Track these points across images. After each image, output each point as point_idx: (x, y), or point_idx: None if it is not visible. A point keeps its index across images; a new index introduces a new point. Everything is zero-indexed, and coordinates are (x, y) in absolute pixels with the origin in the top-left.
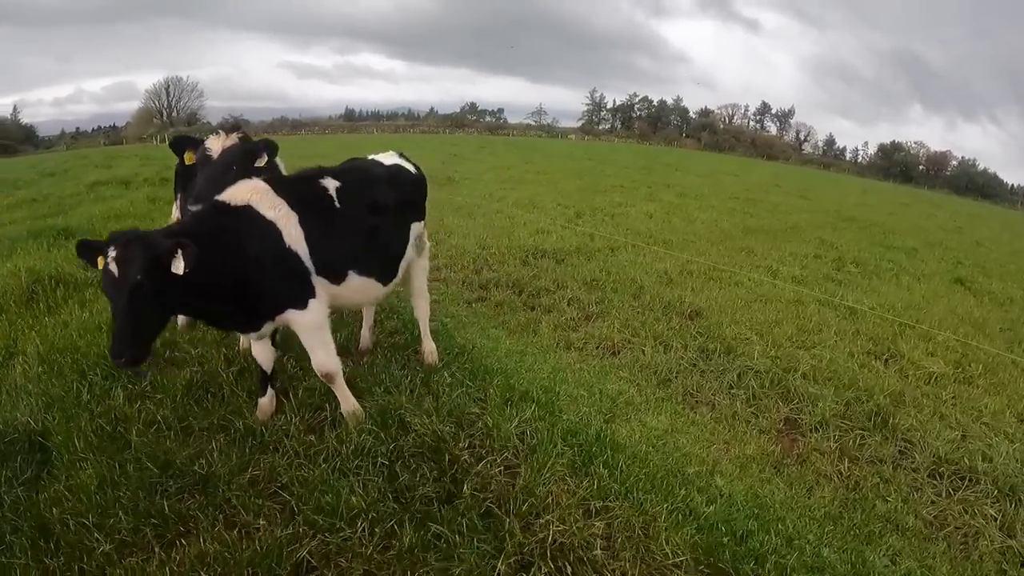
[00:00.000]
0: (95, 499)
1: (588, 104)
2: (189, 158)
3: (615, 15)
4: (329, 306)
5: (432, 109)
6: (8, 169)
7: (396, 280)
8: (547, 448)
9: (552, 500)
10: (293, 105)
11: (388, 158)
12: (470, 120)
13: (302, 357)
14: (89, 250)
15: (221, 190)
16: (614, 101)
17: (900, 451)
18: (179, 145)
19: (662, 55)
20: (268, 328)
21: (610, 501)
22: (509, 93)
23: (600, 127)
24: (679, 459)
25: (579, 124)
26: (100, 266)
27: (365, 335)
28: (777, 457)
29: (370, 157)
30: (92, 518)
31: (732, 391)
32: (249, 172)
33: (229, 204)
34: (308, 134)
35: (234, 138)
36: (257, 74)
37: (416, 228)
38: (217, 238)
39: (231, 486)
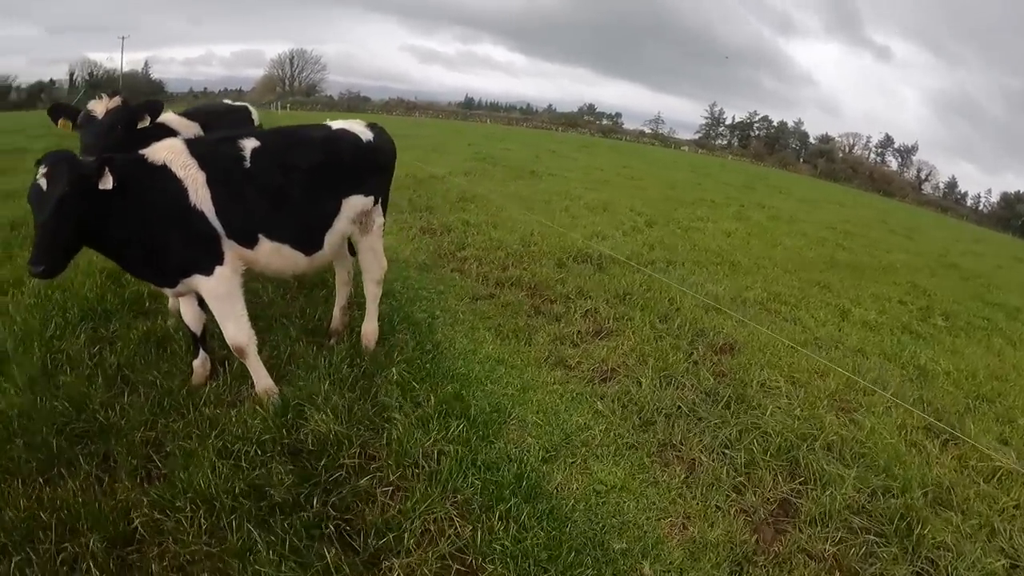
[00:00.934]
0: (14, 424)
1: (707, 118)
2: (64, 125)
3: (742, 29)
4: (251, 271)
5: (550, 106)
6: None
7: (324, 253)
8: (448, 479)
9: (415, 544)
10: (413, 87)
11: (344, 124)
12: (585, 121)
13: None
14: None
15: (107, 145)
16: (733, 117)
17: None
18: (55, 113)
19: (787, 75)
20: (182, 288)
21: (487, 562)
22: (628, 98)
23: (716, 142)
24: (610, 527)
25: (695, 137)
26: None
27: (336, 315)
28: (747, 550)
29: (330, 122)
30: (7, 441)
31: (725, 451)
32: (132, 132)
33: (146, 158)
34: (422, 116)
35: (117, 100)
36: (380, 54)
37: (356, 201)
38: (130, 186)
39: (121, 440)
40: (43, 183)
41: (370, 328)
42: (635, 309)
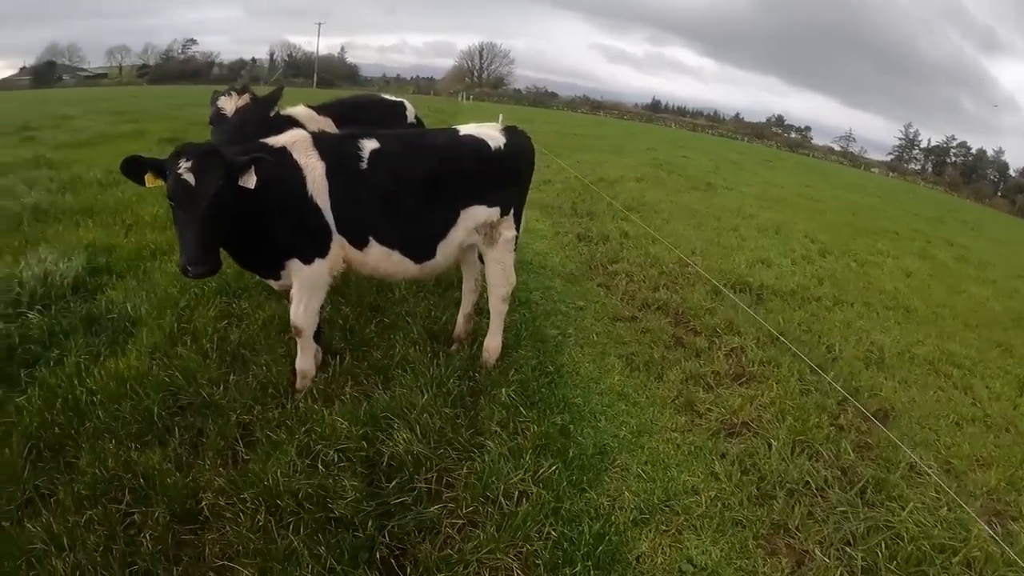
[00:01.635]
0: (127, 386)
1: (901, 139)
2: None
3: (942, 44)
4: (358, 272)
5: (737, 114)
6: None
7: (437, 262)
8: (521, 526)
9: None
10: (601, 86)
11: (475, 128)
12: (772, 132)
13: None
14: (134, 168)
15: (238, 142)
16: (928, 140)
17: None
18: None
19: (988, 97)
20: (284, 280)
21: None
22: (819, 111)
23: (909, 166)
24: None
25: (887, 159)
26: (149, 183)
27: (460, 322)
28: None
29: (465, 125)
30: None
31: (846, 548)
32: (263, 127)
33: (270, 145)
34: (607, 116)
35: (246, 98)
36: (569, 51)
37: (477, 212)
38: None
39: (217, 419)
40: (190, 178)
41: (493, 344)
42: (786, 354)
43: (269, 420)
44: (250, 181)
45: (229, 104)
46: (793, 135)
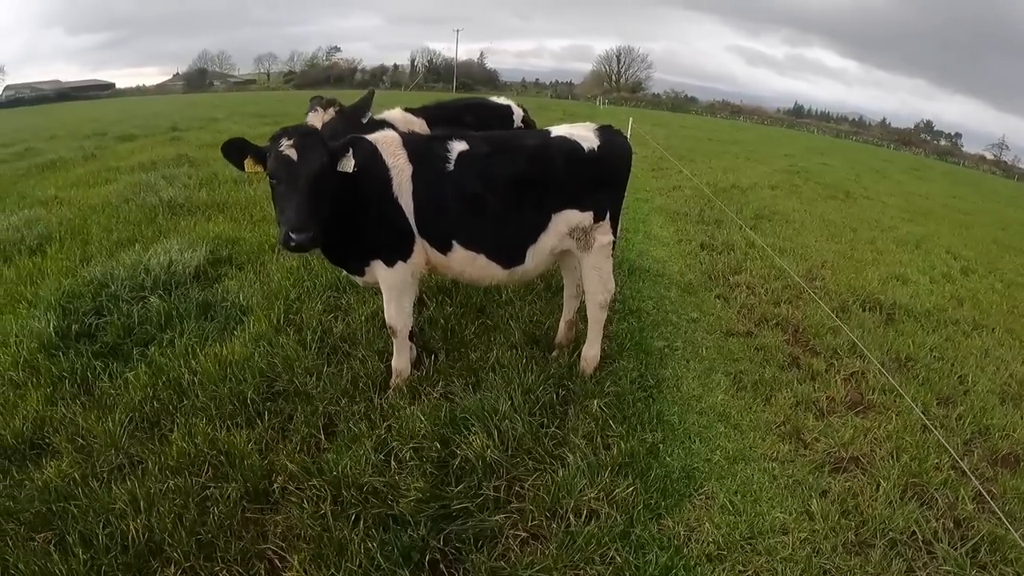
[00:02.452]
0: (227, 370)
1: None
2: (252, 167)
3: None
4: (442, 275)
5: (884, 119)
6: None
7: (527, 268)
8: (585, 547)
9: None
10: (740, 90)
11: (568, 129)
12: (920, 139)
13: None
14: (236, 150)
15: None
16: None
17: None
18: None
19: None
20: (368, 278)
21: None
22: (970, 117)
23: None
24: None
25: None
26: (249, 168)
27: (561, 328)
28: None
29: (558, 126)
30: (214, 383)
31: None
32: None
33: (361, 139)
34: (747, 121)
35: (331, 112)
36: (706, 54)
37: (570, 216)
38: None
39: (306, 407)
40: (292, 154)
41: (591, 353)
42: (912, 383)
43: (354, 413)
44: (348, 165)
45: (316, 119)
46: (942, 142)
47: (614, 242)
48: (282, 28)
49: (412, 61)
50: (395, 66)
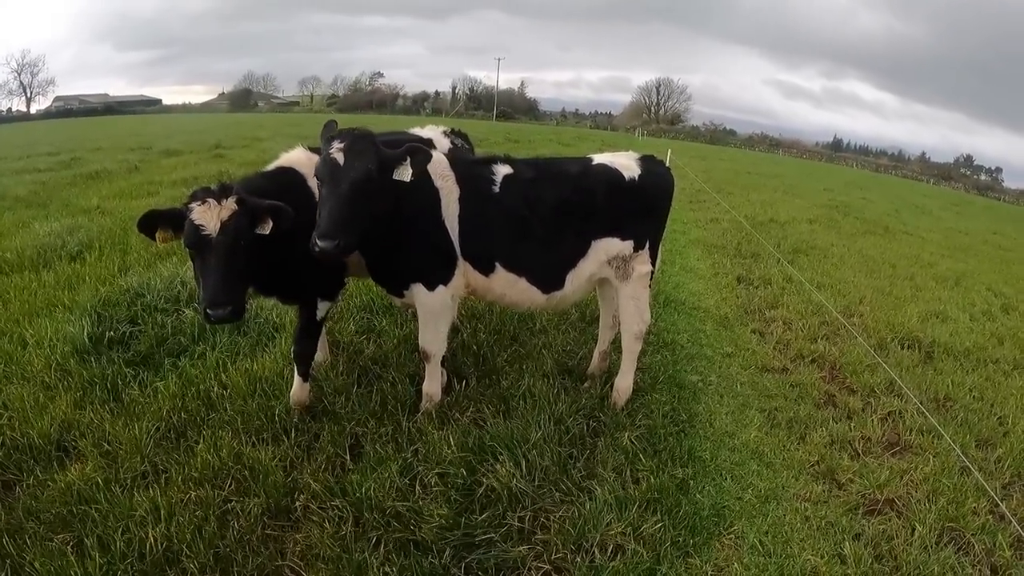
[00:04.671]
0: (257, 386)
1: None
2: (163, 239)
3: None
4: (482, 298)
5: (923, 153)
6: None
7: (565, 293)
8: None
9: None
10: (778, 123)
11: (611, 157)
12: (960, 174)
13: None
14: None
15: None
16: None
17: None
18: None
19: None
20: (408, 299)
21: None
22: (1010, 151)
23: None
24: None
25: None
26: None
27: (595, 358)
28: None
29: (600, 154)
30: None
31: None
32: None
33: (421, 150)
34: (785, 154)
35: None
36: (744, 86)
37: (610, 244)
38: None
39: (333, 427)
40: (340, 157)
41: (623, 384)
42: (951, 423)
43: (381, 435)
44: (405, 174)
45: (210, 218)
46: (983, 177)
47: (652, 272)
48: (326, 53)
49: (453, 89)
50: (436, 93)
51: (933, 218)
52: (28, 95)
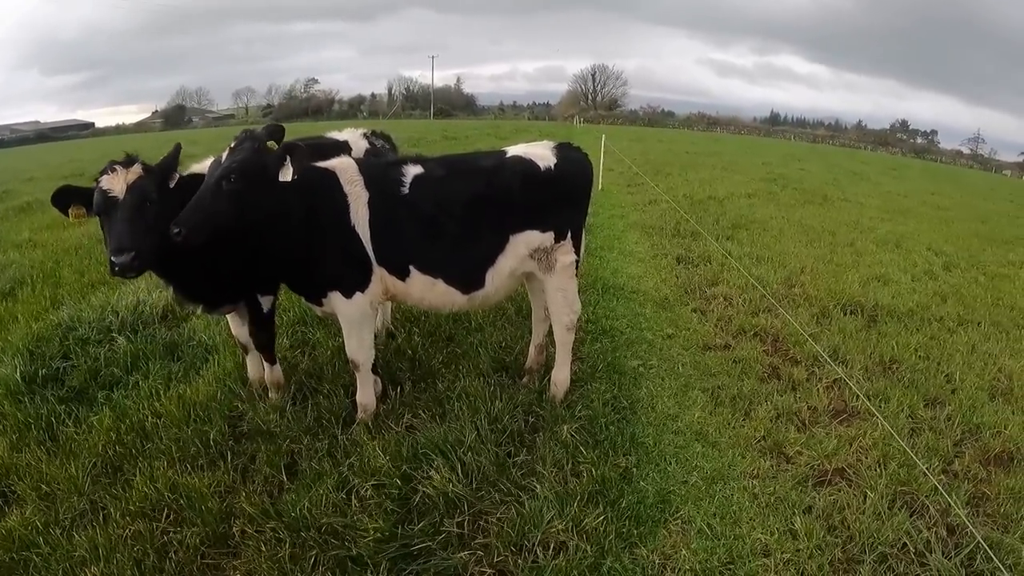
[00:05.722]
0: (191, 411)
1: None
2: (76, 215)
3: None
4: (403, 303)
5: (860, 122)
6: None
7: (488, 292)
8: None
9: None
10: (715, 102)
11: (524, 148)
12: (897, 139)
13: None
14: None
15: None
16: None
17: None
18: (62, 200)
19: None
20: (327, 307)
21: None
22: (945, 113)
23: None
24: None
25: (1021, 159)
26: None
27: (531, 353)
28: None
29: (514, 146)
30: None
31: None
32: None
33: (319, 167)
34: (724, 132)
35: (136, 170)
36: (678, 68)
37: (529, 237)
38: (299, 186)
39: (269, 446)
40: (223, 155)
41: (560, 377)
42: (897, 386)
43: (317, 451)
44: (287, 174)
45: (116, 181)
46: (919, 140)
47: (578, 261)
48: (258, 63)
49: (389, 90)
50: (372, 95)
51: (871, 183)
52: None
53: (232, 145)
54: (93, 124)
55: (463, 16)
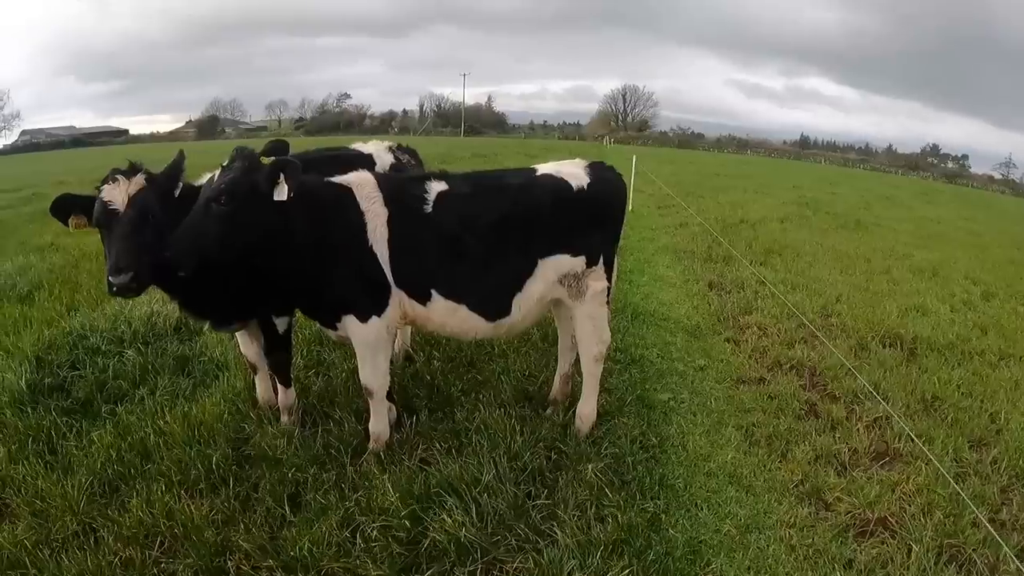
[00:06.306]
0: (195, 432)
1: None
2: (76, 224)
3: None
4: (422, 329)
5: (890, 146)
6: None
7: (514, 319)
8: None
9: None
10: (743, 123)
11: (555, 167)
12: (928, 163)
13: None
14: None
15: None
16: None
17: None
18: (62, 210)
19: None
20: (341, 331)
21: None
22: (975, 137)
23: None
24: None
25: None
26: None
27: (556, 383)
28: None
29: (545, 164)
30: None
31: None
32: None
33: (332, 183)
34: (754, 154)
35: (139, 181)
36: (706, 89)
37: (560, 262)
38: (311, 202)
39: (274, 473)
40: (216, 173)
41: (586, 410)
42: (940, 425)
43: (323, 482)
44: (282, 192)
45: (117, 192)
46: (949, 165)
47: (609, 288)
48: (287, 76)
49: (421, 106)
50: (404, 111)
51: (904, 208)
52: None
53: (224, 164)
54: (127, 131)
55: (491, 35)
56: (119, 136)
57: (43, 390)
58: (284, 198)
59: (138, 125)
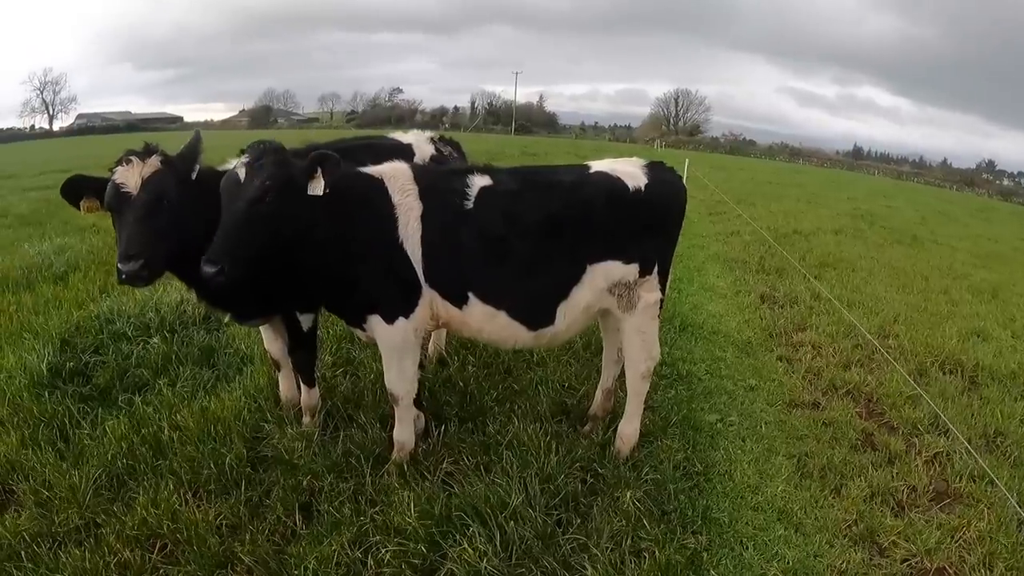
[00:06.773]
0: (211, 429)
1: None
2: (88, 208)
3: None
4: (456, 333)
5: (945, 160)
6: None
7: (558, 329)
8: None
9: None
10: (794, 131)
11: (611, 164)
12: (983, 180)
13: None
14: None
15: None
16: None
17: None
18: (73, 192)
19: None
20: (369, 331)
21: None
22: None
23: None
24: None
25: None
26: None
27: (598, 398)
28: None
29: (600, 160)
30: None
31: None
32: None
33: (363, 173)
34: (806, 164)
35: (154, 163)
36: (758, 96)
37: (610, 269)
38: (333, 195)
39: (288, 479)
40: (241, 173)
41: (628, 431)
42: (1005, 464)
43: (340, 493)
44: (318, 187)
45: (130, 174)
46: (1005, 182)
47: (662, 301)
48: (341, 71)
49: (472, 103)
50: (455, 108)
51: (960, 225)
52: (51, 112)
53: (248, 159)
54: (182, 118)
55: (544, 34)
56: (173, 123)
57: (64, 374)
58: (320, 193)
59: (192, 113)
